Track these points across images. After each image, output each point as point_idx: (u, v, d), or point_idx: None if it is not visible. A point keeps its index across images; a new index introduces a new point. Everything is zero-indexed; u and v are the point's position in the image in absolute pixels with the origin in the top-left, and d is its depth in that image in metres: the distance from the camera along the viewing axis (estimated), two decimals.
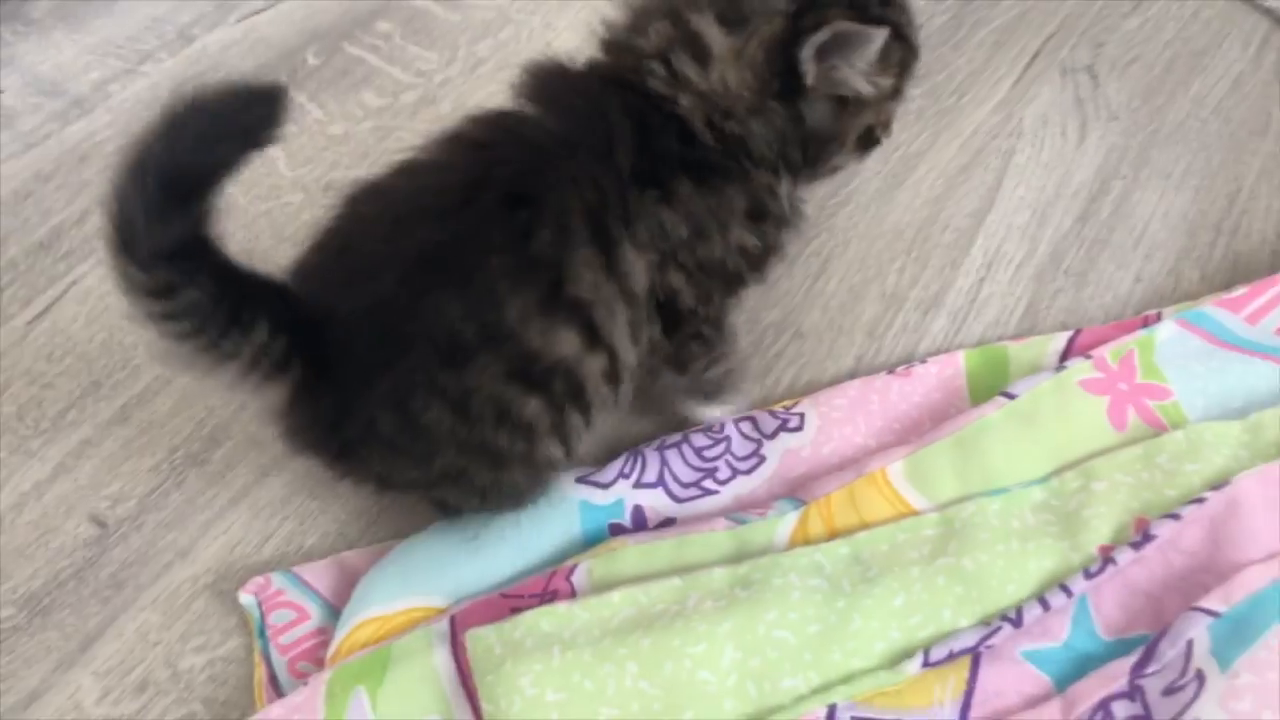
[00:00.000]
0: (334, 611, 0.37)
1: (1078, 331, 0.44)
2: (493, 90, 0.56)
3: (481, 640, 0.33)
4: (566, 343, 0.32)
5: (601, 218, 0.32)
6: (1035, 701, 0.33)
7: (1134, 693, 0.33)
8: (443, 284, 0.31)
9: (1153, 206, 0.51)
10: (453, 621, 0.35)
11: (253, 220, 0.50)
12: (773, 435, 0.42)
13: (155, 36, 0.58)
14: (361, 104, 0.55)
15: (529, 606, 0.34)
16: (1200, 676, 0.32)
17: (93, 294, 0.47)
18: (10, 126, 0.54)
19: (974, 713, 0.33)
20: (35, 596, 0.39)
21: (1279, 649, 0.32)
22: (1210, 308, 0.44)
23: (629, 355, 0.34)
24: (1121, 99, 0.56)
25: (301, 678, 0.36)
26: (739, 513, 0.39)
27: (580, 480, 0.39)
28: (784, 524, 0.38)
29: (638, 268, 0.33)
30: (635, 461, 0.40)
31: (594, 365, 0.33)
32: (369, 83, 0.56)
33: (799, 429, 0.42)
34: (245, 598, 0.38)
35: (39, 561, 0.40)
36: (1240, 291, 0.44)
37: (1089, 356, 0.42)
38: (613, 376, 0.34)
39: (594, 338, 0.33)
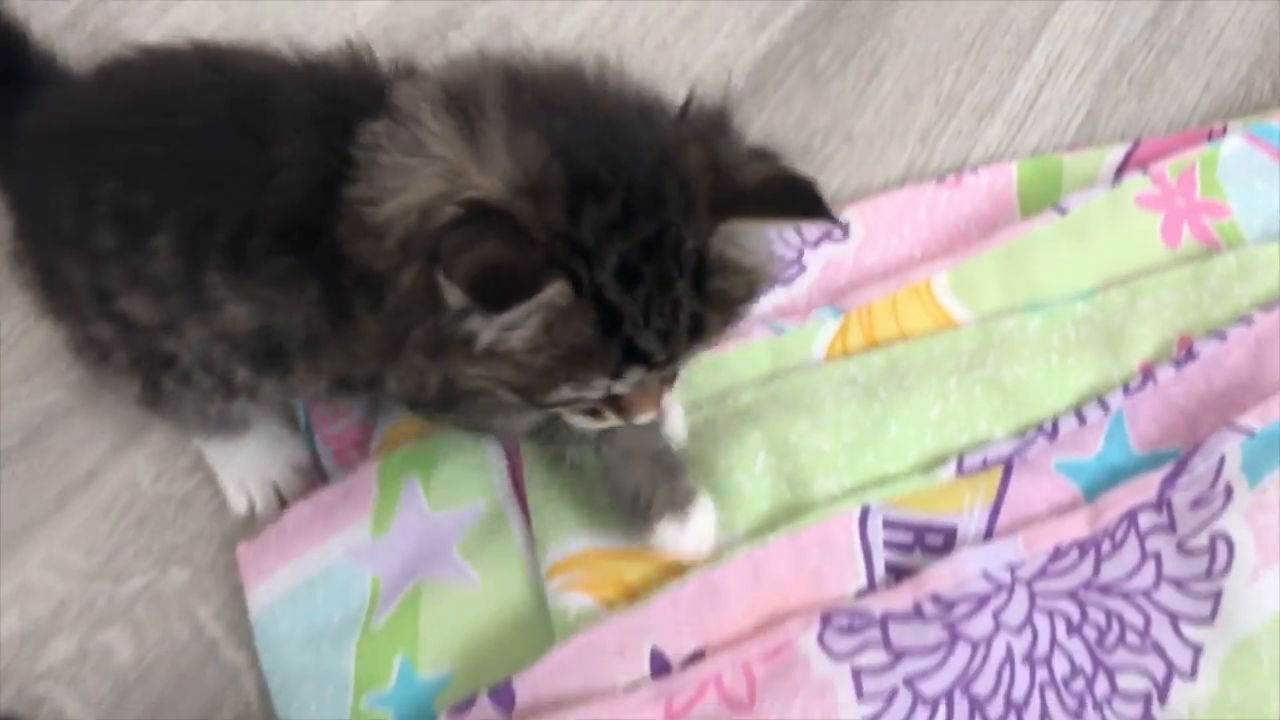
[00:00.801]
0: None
1: (1136, 143, 0.43)
2: None
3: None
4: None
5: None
6: (1062, 510, 0.34)
7: (1161, 505, 0.33)
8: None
9: (1230, 11, 0.48)
10: None
11: None
12: (816, 244, 0.41)
13: None
14: None
15: None
16: (1229, 491, 0.32)
17: None
18: None
19: (1002, 519, 0.34)
20: (83, 381, 0.40)
21: None
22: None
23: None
24: None
25: (348, 466, 0.37)
26: (777, 320, 0.39)
27: None
28: (823, 334, 0.38)
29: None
30: None
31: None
32: None
33: (843, 238, 0.41)
34: None
35: None
36: None
37: (1146, 171, 0.40)
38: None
39: None
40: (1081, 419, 0.35)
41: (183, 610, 0.36)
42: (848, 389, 0.36)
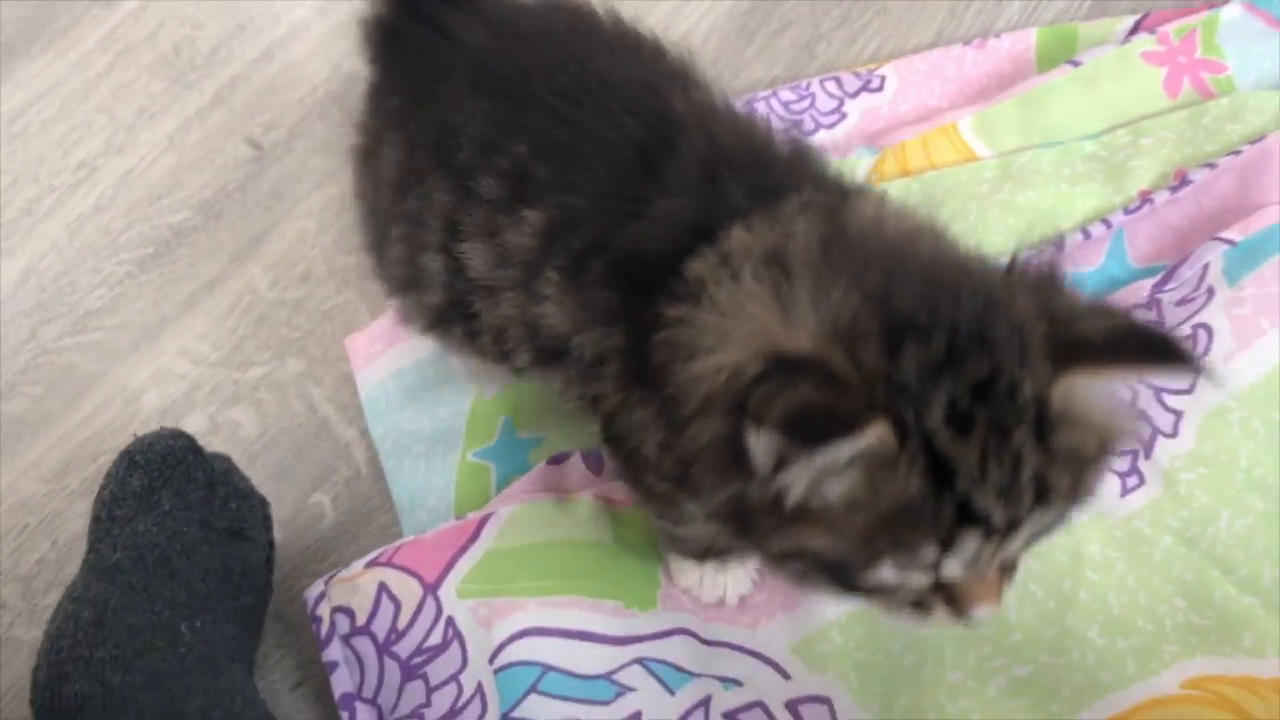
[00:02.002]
0: None
1: (1146, 14, 0.47)
2: None
3: None
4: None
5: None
6: None
7: (1152, 304, 0.38)
8: None
9: None
10: None
11: None
12: (855, 94, 0.46)
13: None
14: None
15: None
16: (1210, 291, 0.37)
17: None
18: None
19: None
20: (208, 203, 0.45)
21: None
22: None
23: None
24: None
25: None
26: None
27: None
28: (862, 165, 0.43)
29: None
30: None
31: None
32: None
33: (879, 89, 0.46)
34: None
35: (207, 175, 0.46)
36: None
37: (1153, 32, 0.45)
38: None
39: None
40: (1086, 234, 0.40)
41: (299, 393, 0.42)
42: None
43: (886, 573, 0.24)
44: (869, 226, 0.27)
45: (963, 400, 0.23)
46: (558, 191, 0.30)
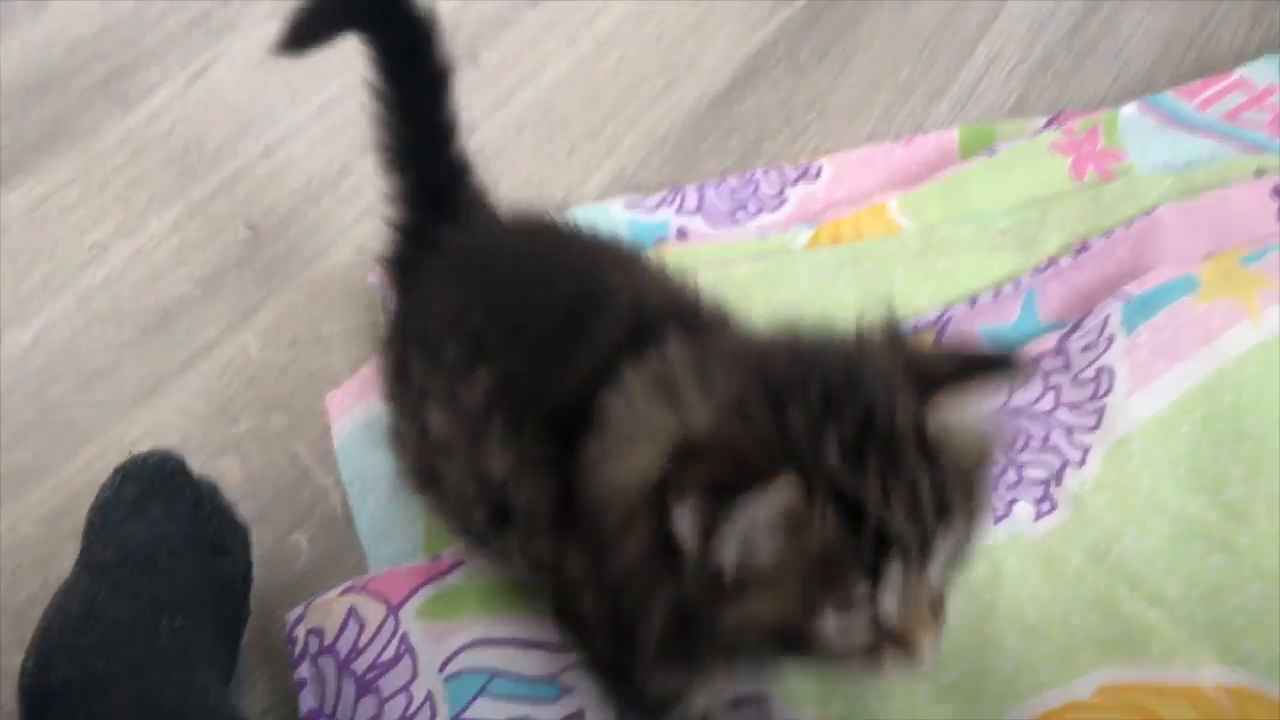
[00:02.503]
0: None
1: (1057, 114, 0.53)
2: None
3: None
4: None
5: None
6: None
7: (1060, 352, 0.42)
8: None
9: (1136, 24, 0.59)
10: None
11: None
12: (795, 182, 0.51)
13: None
14: None
15: None
16: (1111, 338, 0.41)
17: (239, 60, 0.57)
18: None
19: None
20: (207, 278, 0.50)
21: (1174, 317, 0.41)
22: (1168, 95, 0.52)
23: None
24: None
25: None
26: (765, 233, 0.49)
27: (627, 206, 0.49)
28: (800, 237, 0.47)
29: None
30: (676, 194, 0.50)
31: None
32: None
33: (817, 178, 0.51)
34: (371, 279, 0.48)
35: (208, 254, 0.50)
36: (1196, 84, 0.53)
37: (1061, 127, 0.50)
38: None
39: None
40: (997, 294, 0.44)
41: (282, 445, 0.45)
42: (819, 270, 0.45)
43: (830, 623, 0.26)
44: (738, 339, 0.32)
45: (850, 440, 0.26)
46: (505, 349, 0.33)
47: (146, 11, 0.59)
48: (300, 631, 0.37)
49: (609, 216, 0.49)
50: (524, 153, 0.54)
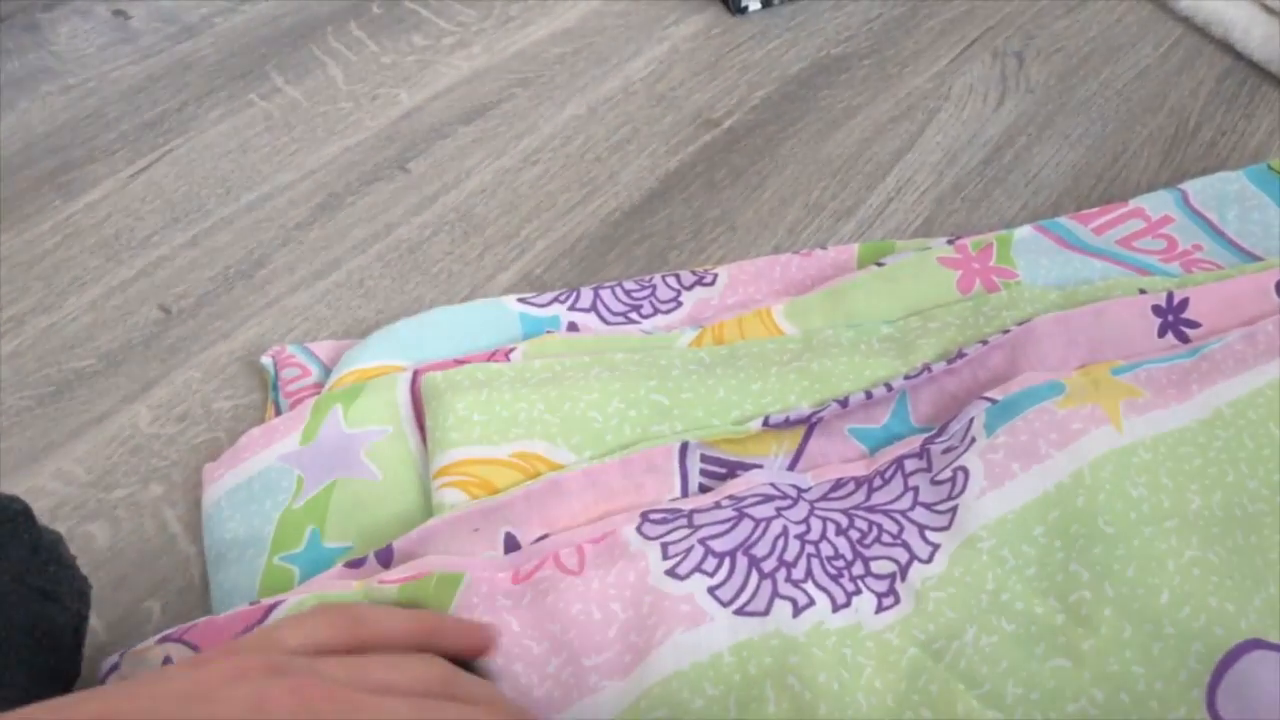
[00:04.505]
0: (329, 372, 0.48)
1: (957, 236, 0.54)
2: (520, 37, 0.68)
3: (431, 379, 0.44)
4: None
5: None
6: (849, 460, 0.43)
7: (922, 454, 0.42)
8: None
9: (1048, 158, 0.60)
10: (415, 373, 0.46)
11: (316, 117, 0.63)
12: (690, 287, 0.52)
13: None
14: (410, 43, 0.68)
15: None
16: (971, 440, 0.41)
17: (182, 160, 0.60)
18: (134, 42, 0.68)
19: (800, 465, 0.43)
20: (112, 353, 0.51)
21: (1034, 420, 0.41)
22: (1064, 219, 0.53)
23: None
24: (1040, 78, 0.66)
25: None
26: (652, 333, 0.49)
27: (519, 300, 0.50)
28: (685, 337, 0.48)
29: None
30: (570, 294, 0.51)
31: None
32: (418, 28, 0.69)
33: (712, 284, 0.52)
34: (265, 360, 0.49)
35: (117, 331, 0.52)
36: (1093, 211, 0.54)
37: (952, 243, 0.51)
38: None
39: None
40: (869, 395, 0.44)
41: (153, 513, 0.45)
42: (693, 364, 0.46)
43: None
44: None
45: None
46: None
47: (107, 113, 0.63)
48: (113, 680, 0.36)
49: (502, 310, 0.50)
50: (437, 251, 0.55)
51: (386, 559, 0.39)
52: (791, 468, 0.43)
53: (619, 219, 0.57)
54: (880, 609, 0.37)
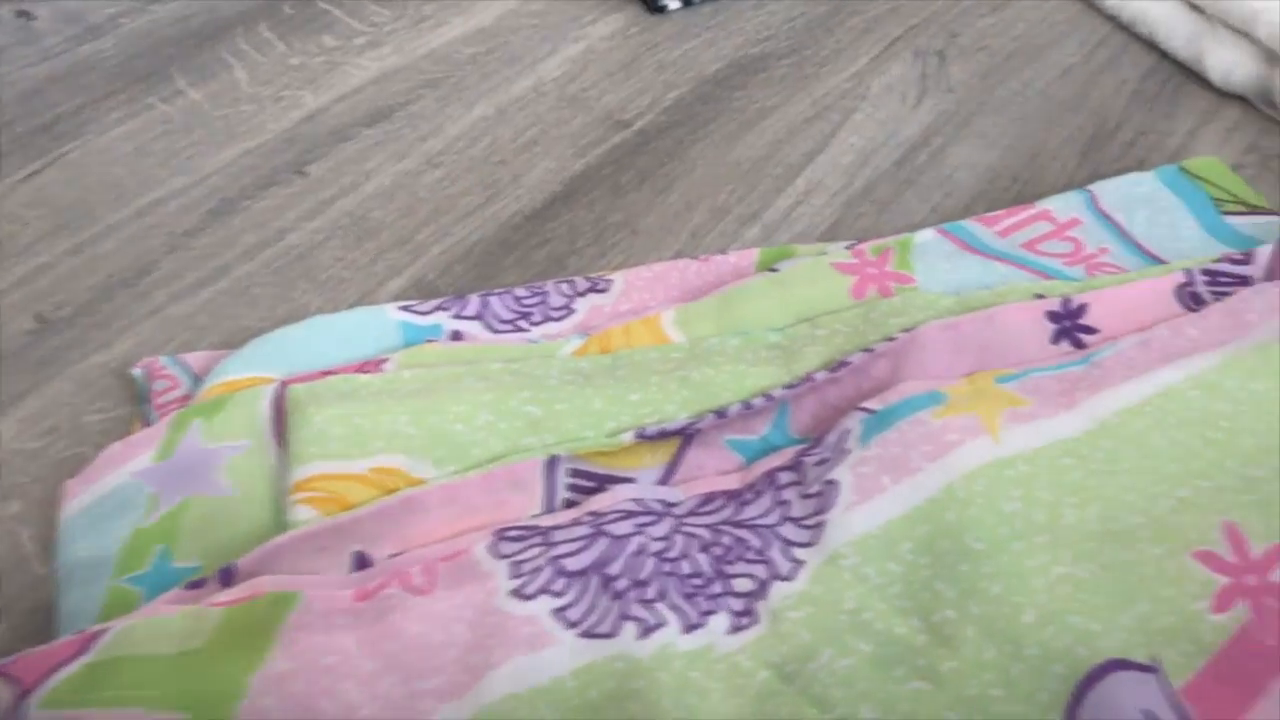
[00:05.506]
0: (200, 384, 0.47)
1: (859, 240, 0.53)
2: (432, 37, 0.67)
3: (293, 391, 0.43)
4: None
5: None
6: (725, 473, 0.41)
7: (796, 466, 0.40)
8: None
9: (964, 158, 0.59)
10: (281, 384, 0.44)
11: (216, 120, 0.61)
12: (584, 293, 0.51)
13: None
14: (319, 44, 0.67)
15: None
16: (845, 452, 0.40)
17: (74, 165, 0.59)
18: (36, 43, 0.66)
19: (675, 477, 0.41)
20: None
21: (908, 431, 0.39)
22: (969, 222, 0.52)
23: None
24: (962, 77, 0.64)
25: None
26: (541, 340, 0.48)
27: (402, 308, 0.49)
28: (570, 345, 0.47)
29: None
30: (457, 301, 0.49)
31: None
32: (330, 29, 0.68)
33: (605, 291, 0.51)
34: (136, 371, 0.47)
35: None
36: (1000, 213, 0.52)
37: (850, 247, 0.50)
38: None
39: None
40: (748, 406, 0.42)
41: (6, 531, 0.44)
42: (571, 375, 0.44)
43: None
44: None
45: None
46: None
47: (1, 116, 0.62)
48: None
49: (382, 318, 0.48)
50: (328, 257, 0.54)
51: (227, 579, 0.38)
52: (666, 480, 0.41)
53: (519, 223, 0.56)
54: (735, 629, 0.36)
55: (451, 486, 0.40)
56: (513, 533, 0.38)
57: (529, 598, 0.36)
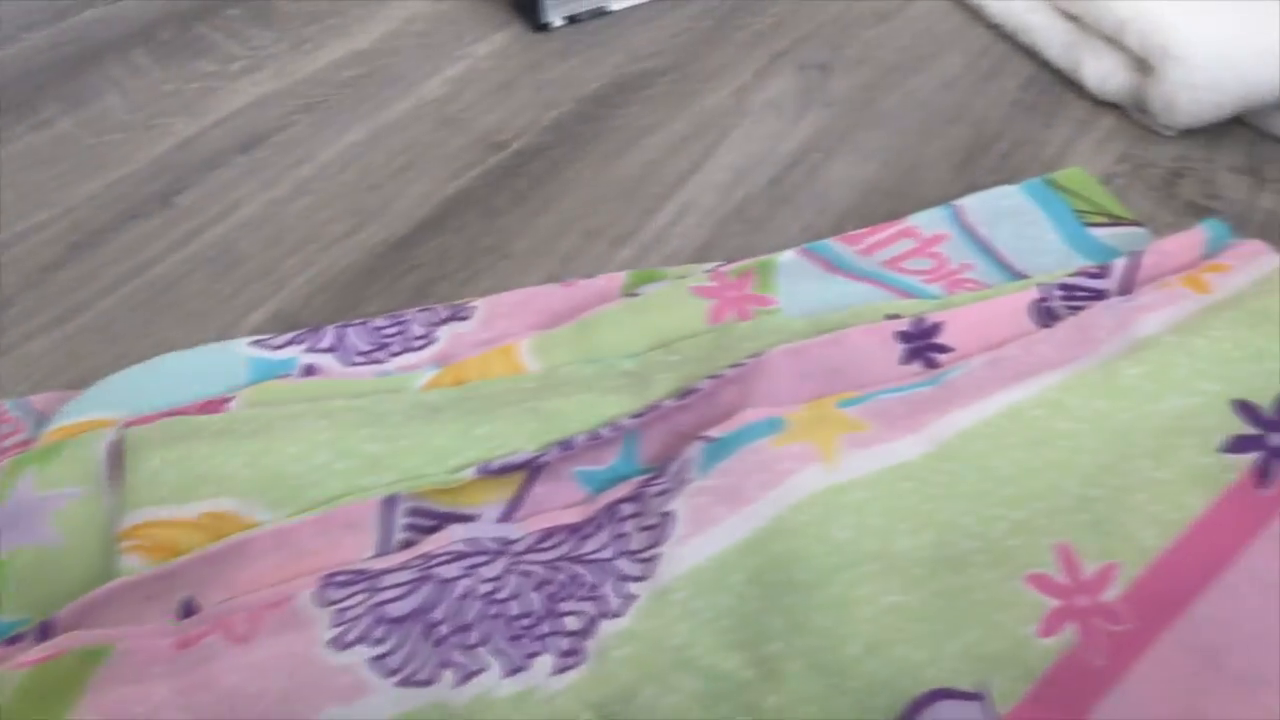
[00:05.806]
0: (44, 426, 0.46)
1: (726, 262, 0.52)
2: (312, 60, 0.66)
3: (130, 433, 0.42)
4: None
5: None
6: (571, 505, 0.41)
7: (638, 497, 0.40)
8: None
9: (840, 175, 0.59)
10: (121, 426, 0.43)
11: (85, 150, 0.60)
12: (445, 322, 0.50)
13: (36, 12, 0.69)
14: (196, 69, 0.66)
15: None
16: (685, 481, 0.39)
17: None
18: None
19: (519, 513, 0.41)
20: None
21: (744, 459, 0.39)
22: (832, 241, 0.52)
23: None
24: (843, 91, 0.64)
25: None
26: (394, 373, 0.47)
27: (254, 343, 0.48)
28: (422, 378, 0.46)
29: None
30: (311, 334, 0.49)
31: None
32: (207, 54, 0.67)
33: (467, 318, 0.50)
34: None
35: None
36: (863, 231, 0.52)
37: (709, 270, 0.50)
38: None
39: None
40: (595, 436, 0.42)
41: None
42: (417, 409, 0.43)
43: None
44: None
45: None
46: None
47: None
48: None
49: (232, 355, 0.47)
50: (191, 290, 0.53)
51: (46, 633, 0.37)
52: (509, 516, 0.41)
53: (386, 250, 0.55)
54: (560, 670, 0.35)
55: (283, 530, 0.39)
56: (340, 578, 0.37)
57: (347, 646, 0.35)
